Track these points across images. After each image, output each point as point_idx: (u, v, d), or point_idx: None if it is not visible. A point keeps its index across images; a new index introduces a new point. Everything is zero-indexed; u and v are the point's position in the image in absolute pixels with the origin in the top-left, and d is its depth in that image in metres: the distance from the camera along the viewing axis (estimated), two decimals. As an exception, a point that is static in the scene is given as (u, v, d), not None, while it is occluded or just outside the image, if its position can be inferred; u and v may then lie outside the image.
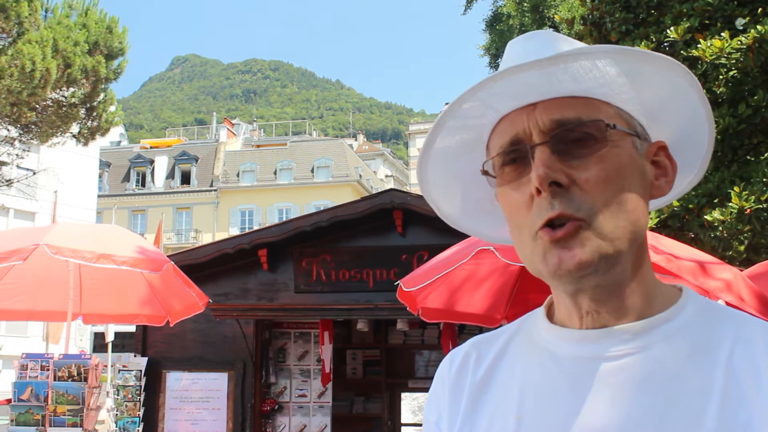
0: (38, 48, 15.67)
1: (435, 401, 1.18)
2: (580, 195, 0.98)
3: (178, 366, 9.72)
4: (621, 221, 0.99)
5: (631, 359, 0.99)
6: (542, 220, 0.98)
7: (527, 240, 1.02)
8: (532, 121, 1.02)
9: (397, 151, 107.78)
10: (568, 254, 0.97)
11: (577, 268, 0.97)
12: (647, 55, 1.01)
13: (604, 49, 0.99)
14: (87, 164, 37.09)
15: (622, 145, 1.02)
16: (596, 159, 1.00)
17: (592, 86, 1.02)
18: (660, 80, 1.04)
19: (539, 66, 0.98)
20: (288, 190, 54.05)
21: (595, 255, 0.97)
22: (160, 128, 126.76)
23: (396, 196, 9.57)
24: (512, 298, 6.23)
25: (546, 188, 0.98)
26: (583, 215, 0.97)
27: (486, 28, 21.41)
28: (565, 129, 1.01)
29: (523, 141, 1.03)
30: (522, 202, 1.02)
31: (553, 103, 1.02)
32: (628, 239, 1.00)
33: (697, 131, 1.12)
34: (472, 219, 1.24)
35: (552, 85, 1.01)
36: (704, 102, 1.08)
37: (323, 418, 10.04)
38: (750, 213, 6.13)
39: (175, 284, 6.76)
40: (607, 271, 0.99)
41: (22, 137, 18.43)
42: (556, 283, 1.02)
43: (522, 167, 1.03)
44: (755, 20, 6.83)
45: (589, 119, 1.01)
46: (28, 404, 6.25)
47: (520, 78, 1.00)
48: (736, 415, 0.91)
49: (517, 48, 1.09)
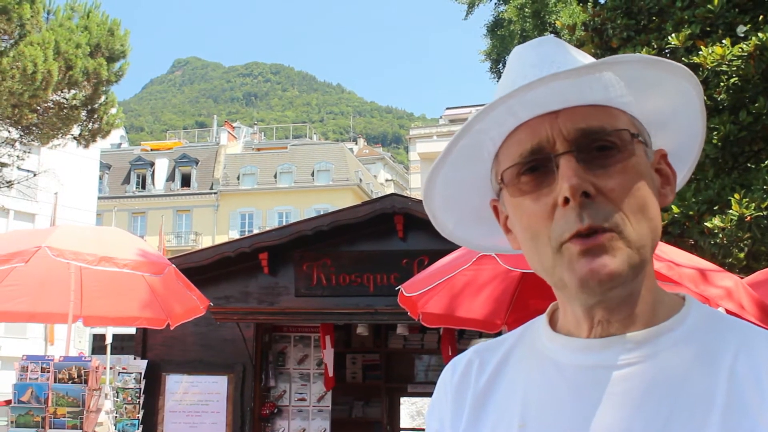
0: (40, 50, 15.70)
1: (437, 409, 1.17)
2: (606, 205, 0.97)
3: (177, 369, 9.72)
4: (645, 229, 0.99)
5: (634, 368, 0.99)
6: (570, 233, 0.97)
7: (547, 250, 1.01)
8: (556, 129, 1.01)
9: (398, 156, 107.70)
10: (598, 264, 0.96)
11: (609, 278, 0.96)
12: (671, 64, 1.02)
13: (637, 58, 1.00)
14: (87, 166, 37.09)
15: (639, 153, 1.03)
16: (620, 168, 0.99)
17: (619, 95, 1.02)
18: (673, 89, 1.05)
19: (576, 74, 0.97)
20: (288, 194, 54.02)
21: (625, 265, 0.96)
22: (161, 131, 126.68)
23: (397, 201, 9.59)
24: (513, 304, 6.23)
25: (577, 198, 0.96)
26: (611, 225, 0.97)
27: (487, 33, 21.43)
28: (589, 138, 1.00)
29: (545, 149, 1.01)
30: (542, 212, 1.00)
31: (576, 112, 1.01)
32: (651, 246, 1.00)
33: (692, 139, 1.13)
34: (466, 228, 1.22)
35: (583, 93, 1.00)
36: (704, 112, 1.09)
37: (322, 422, 10.04)
38: (750, 220, 6.13)
39: (176, 287, 6.77)
40: (633, 281, 0.99)
41: (23, 139, 18.45)
42: (580, 295, 1.00)
43: (542, 177, 1.01)
44: (756, 27, 6.84)
45: (613, 129, 1.01)
46: (29, 406, 6.25)
47: (553, 86, 0.98)
48: (739, 424, 0.91)
49: (528, 55, 1.09)
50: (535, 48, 1.09)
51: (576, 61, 1.04)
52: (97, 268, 5.99)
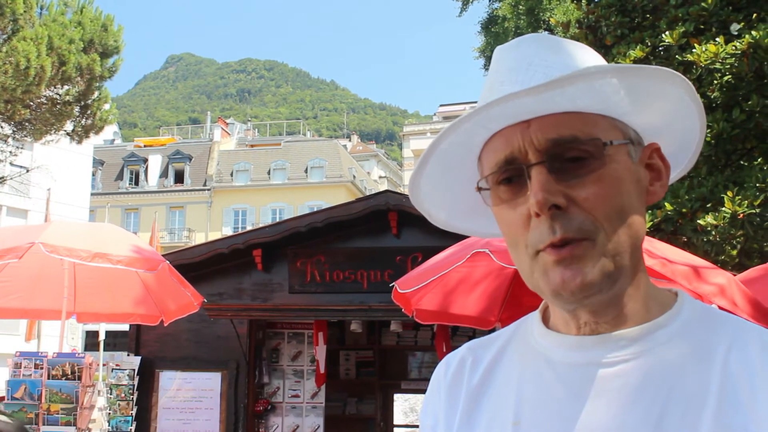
0: (33, 45, 15.65)
1: (431, 406, 1.17)
2: (580, 214, 0.97)
3: (171, 365, 9.71)
4: (622, 236, 0.98)
5: (627, 365, 0.99)
6: (543, 244, 0.97)
7: (524, 257, 1.02)
8: (527, 139, 1.00)
9: (391, 152, 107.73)
10: (570, 274, 0.96)
11: (581, 289, 0.97)
12: (644, 69, 0.99)
13: (602, 69, 0.97)
14: (80, 162, 36.93)
15: (618, 158, 1.01)
16: (594, 177, 0.98)
17: (588, 104, 1.00)
18: (658, 92, 1.03)
19: (536, 92, 0.95)
20: (281, 190, 53.94)
21: (598, 274, 0.97)
22: (154, 127, 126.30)
23: (391, 198, 9.59)
24: (506, 300, 6.25)
25: (546, 212, 0.96)
26: (584, 235, 0.96)
27: (481, 31, 21.42)
28: (561, 148, 0.99)
29: (518, 160, 1.01)
30: (519, 220, 1.01)
31: (548, 120, 1.00)
32: (629, 253, 1.00)
33: (689, 132, 1.12)
34: (467, 220, 1.23)
35: (547, 105, 0.99)
36: (699, 107, 1.07)
37: (316, 418, 10.04)
38: (743, 218, 6.15)
39: (169, 284, 6.76)
40: (610, 288, 0.99)
41: (15, 134, 18.39)
42: (554, 302, 1.02)
43: (518, 186, 1.01)
44: (750, 26, 6.86)
45: (587, 137, 0.99)
46: (22, 402, 6.24)
47: (518, 102, 0.97)
48: (732, 420, 0.92)
49: (507, 58, 1.08)
50: (513, 50, 1.08)
51: (555, 63, 1.03)
52: (91, 264, 5.98)
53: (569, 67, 1.01)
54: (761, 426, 0.91)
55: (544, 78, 0.98)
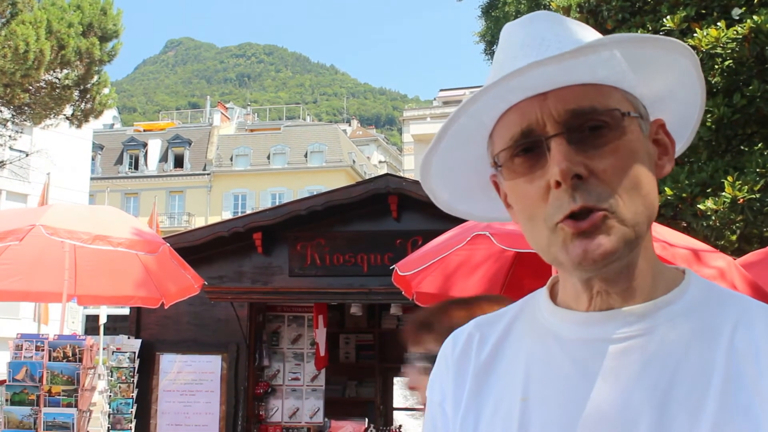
0: (32, 29, 15.59)
1: (438, 382, 1.18)
2: (599, 185, 0.98)
3: (171, 348, 9.74)
4: (639, 206, 0.99)
5: (635, 341, 0.99)
6: (563, 214, 0.98)
7: (543, 231, 1.02)
8: (545, 111, 1.01)
9: (391, 137, 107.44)
10: (592, 244, 0.97)
11: (603, 257, 0.97)
12: (659, 40, 1.01)
13: (623, 38, 0.99)
14: (80, 146, 36.90)
15: (633, 129, 1.02)
16: (612, 148, 1.00)
17: (607, 75, 1.02)
18: (669, 64, 1.04)
19: (560, 60, 0.96)
20: (281, 175, 53.88)
21: (620, 243, 0.97)
22: (154, 111, 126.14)
23: (391, 181, 9.59)
24: (507, 283, 6.25)
25: (568, 182, 0.97)
26: (604, 205, 0.97)
27: (482, 15, 21.31)
28: (580, 119, 1.00)
29: (535, 132, 1.01)
30: (537, 194, 1.01)
31: (566, 92, 1.01)
32: (647, 222, 1.01)
33: (690, 106, 1.13)
34: (466, 203, 1.24)
35: (568, 76, 1.00)
36: (701, 81, 1.08)
37: (316, 401, 10.09)
38: (743, 203, 6.14)
39: (170, 266, 6.77)
40: (628, 254, 1.00)
41: (15, 119, 18.36)
42: (575, 272, 1.02)
43: (535, 159, 1.02)
44: (751, 10, 6.83)
45: (604, 108, 1.00)
46: (23, 384, 6.26)
47: (542, 71, 0.97)
48: (737, 398, 0.92)
49: (518, 33, 1.08)
50: (525, 26, 1.08)
51: (567, 38, 1.04)
52: (92, 246, 5.99)
53: (582, 42, 1.02)
54: (767, 403, 0.91)
55: (559, 52, 0.98)
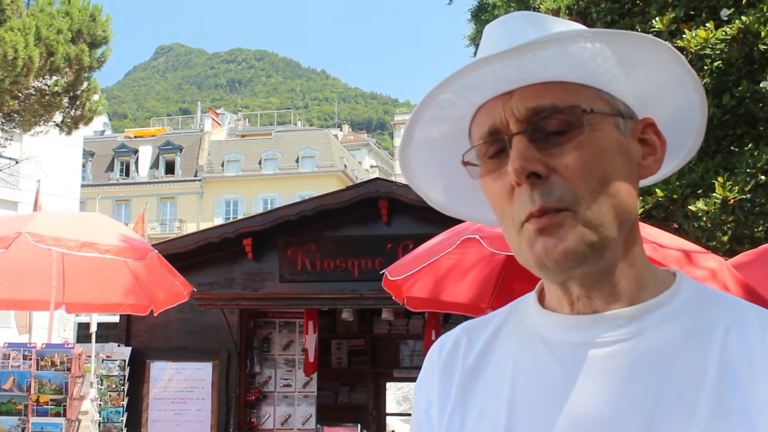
0: (21, 36, 15.52)
1: (425, 387, 1.16)
2: (561, 183, 0.96)
3: (162, 356, 9.69)
4: (604, 206, 0.97)
5: (623, 345, 0.97)
6: (525, 214, 0.97)
7: (511, 230, 1.01)
8: (508, 110, 1.00)
9: (383, 142, 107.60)
10: (552, 243, 0.95)
11: (563, 257, 0.95)
12: (619, 35, 0.98)
13: (574, 33, 0.96)
14: (70, 153, 36.76)
15: (602, 128, 1.00)
16: (575, 145, 0.97)
17: (564, 72, 0.99)
18: (637, 58, 1.01)
19: (506, 57, 0.95)
20: (273, 180, 53.89)
21: (580, 243, 0.95)
22: (144, 118, 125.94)
23: (382, 186, 9.58)
24: (498, 287, 6.23)
25: (524, 180, 0.96)
26: (565, 204, 0.95)
27: (471, 18, 21.34)
28: (541, 117, 0.98)
29: (500, 131, 1.01)
30: (504, 192, 1.01)
31: (529, 90, 1.00)
32: (615, 224, 0.98)
33: (688, 107, 1.09)
34: (462, 205, 1.22)
35: (522, 74, 0.98)
36: (693, 78, 1.04)
37: (308, 407, 10.05)
38: (734, 203, 6.14)
39: (159, 273, 6.72)
40: (597, 260, 0.97)
41: (4, 126, 18.28)
42: (540, 273, 1.01)
43: (502, 157, 1.01)
44: (740, 11, 6.84)
45: (565, 105, 0.98)
46: (11, 394, 6.21)
47: (491, 69, 0.97)
48: (729, 401, 0.90)
49: (493, 33, 1.07)
50: (498, 27, 1.08)
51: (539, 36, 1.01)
52: (79, 254, 5.95)
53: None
54: (760, 407, 0.89)
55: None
